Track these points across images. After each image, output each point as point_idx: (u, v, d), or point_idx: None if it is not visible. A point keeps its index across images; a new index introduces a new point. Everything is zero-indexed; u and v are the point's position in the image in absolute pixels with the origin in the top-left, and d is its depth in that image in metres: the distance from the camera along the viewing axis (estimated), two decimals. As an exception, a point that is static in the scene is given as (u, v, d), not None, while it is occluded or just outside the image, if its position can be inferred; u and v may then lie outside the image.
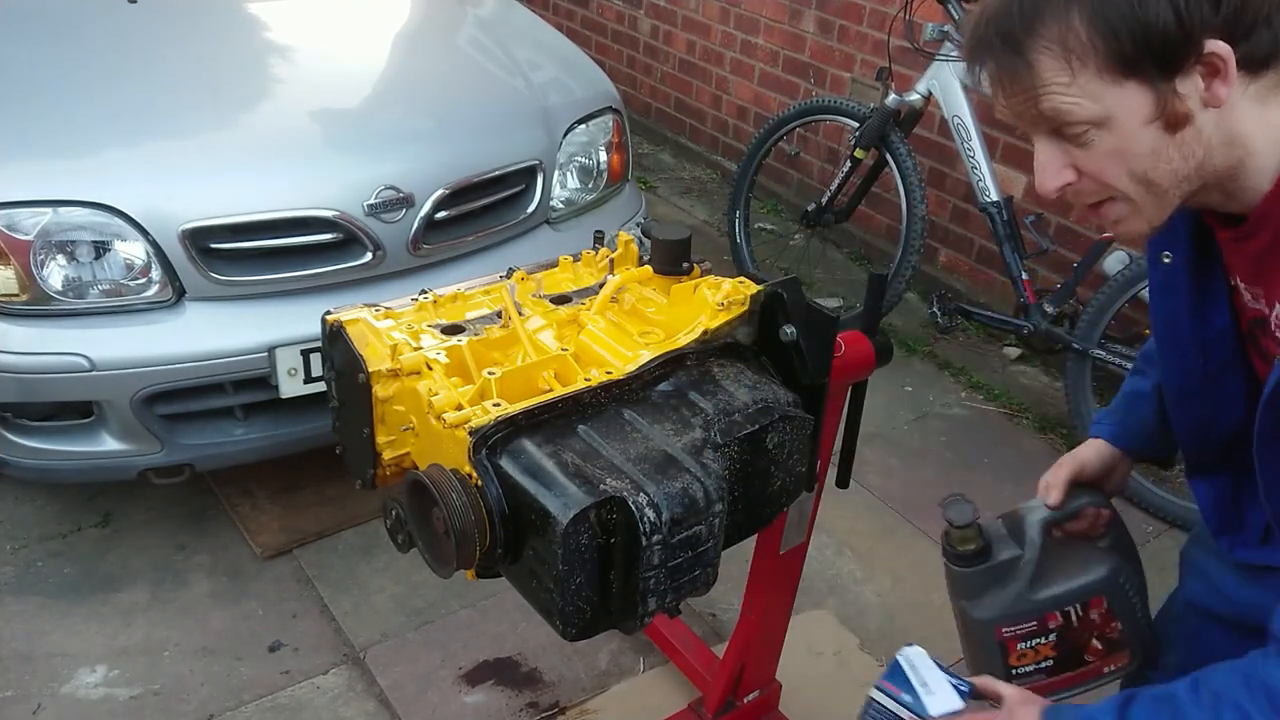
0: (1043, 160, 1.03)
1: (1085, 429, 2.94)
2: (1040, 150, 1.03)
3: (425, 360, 1.32)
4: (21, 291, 2.16)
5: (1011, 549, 1.38)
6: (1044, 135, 1.02)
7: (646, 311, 1.44)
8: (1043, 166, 1.03)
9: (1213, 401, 1.22)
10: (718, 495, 1.17)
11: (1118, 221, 1.05)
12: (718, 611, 2.48)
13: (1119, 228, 1.06)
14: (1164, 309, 1.22)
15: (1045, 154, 1.02)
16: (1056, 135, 1.00)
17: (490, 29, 3.17)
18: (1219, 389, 1.20)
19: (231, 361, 2.25)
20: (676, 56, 5.02)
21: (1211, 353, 1.19)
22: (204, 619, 2.37)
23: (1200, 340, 1.19)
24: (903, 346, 3.59)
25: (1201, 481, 1.30)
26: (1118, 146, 0.98)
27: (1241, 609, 1.31)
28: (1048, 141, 1.02)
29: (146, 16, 2.78)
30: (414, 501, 1.19)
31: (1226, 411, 1.20)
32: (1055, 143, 1.01)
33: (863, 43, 4.03)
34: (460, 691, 2.23)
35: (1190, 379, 1.22)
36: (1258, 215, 1.03)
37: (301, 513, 2.67)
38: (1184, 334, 1.20)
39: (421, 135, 2.57)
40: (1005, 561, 1.37)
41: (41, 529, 2.60)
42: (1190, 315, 1.19)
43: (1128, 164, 0.99)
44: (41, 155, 2.27)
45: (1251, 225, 1.05)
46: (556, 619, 1.14)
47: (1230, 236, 1.09)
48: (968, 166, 3.16)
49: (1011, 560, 1.37)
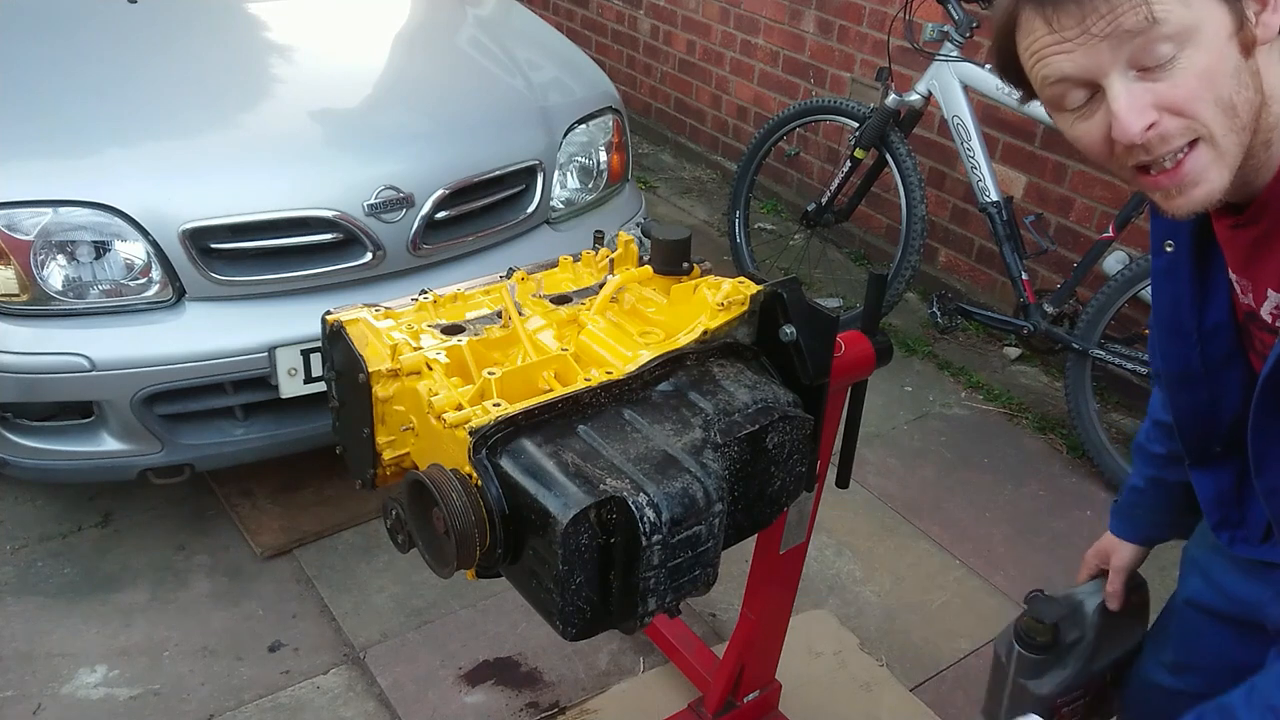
0: (1124, 101, 0.94)
1: (1085, 429, 2.97)
2: (1118, 93, 0.95)
3: (425, 360, 1.32)
4: (22, 291, 2.16)
5: (1073, 632, 1.52)
6: (1119, 74, 0.94)
7: (646, 311, 1.44)
8: (1127, 107, 0.94)
9: (1212, 392, 1.22)
10: (718, 495, 1.17)
11: (1197, 181, 0.97)
12: (718, 611, 2.48)
13: (1198, 189, 0.98)
14: (1165, 296, 1.22)
15: (1125, 94, 0.94)
16: (1135, 69, 0.94)
17: (490, 29, 3.18)
18: (1219, 380, 1.21)
19: (231, 361, 2.25)
20: (676, 56, 5.02)
21: (1210, 343, 1.19)
22: (204, 619, 2.37)
23: (1199, 330, 1.19)
24: (903, 346, 3.60)
25: (1203, 475, 1.30)
26: (1206, 65, 0.93)
27: (1241, 605, 1.31)
28: (1124, 81, 0.94)
29: (147, 16, 2.78)
30: (414, 501, 1.19)
31: (1227, 402, 1.21)
32: (1133, 81, 0.94)
33: (863, 43, 4.03)
34: (460, 691, 2.23)
35: (1190, 367, 1.23)
36: (1261, 200, 1.03)
37: (301, 513, 2.67)
38: (1184, 323, 1.21)
39: (421, 135, 2.57)
40: (1068, 644, 1.52)
41: (41, 529, 2.60)
42: (1190, 305, 1.19)
43: (1215, 87, 0.93)
44: (41, 155, 2.26)
45: (1253, 212, 1.05)
46: (556, 619, 1.14)
47: (1228, 224, 1.09)
48: (967, 166, 3.16)
49: (1074, 642, 1.52)
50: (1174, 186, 0.98)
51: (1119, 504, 1.54)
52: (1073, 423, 3.02)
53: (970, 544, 2.73)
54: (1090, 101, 0.98)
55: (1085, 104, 0.99)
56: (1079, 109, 1.00)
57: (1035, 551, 2.70)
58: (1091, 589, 1.55)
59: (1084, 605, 1.53)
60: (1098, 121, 0.98)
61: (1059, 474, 3.04)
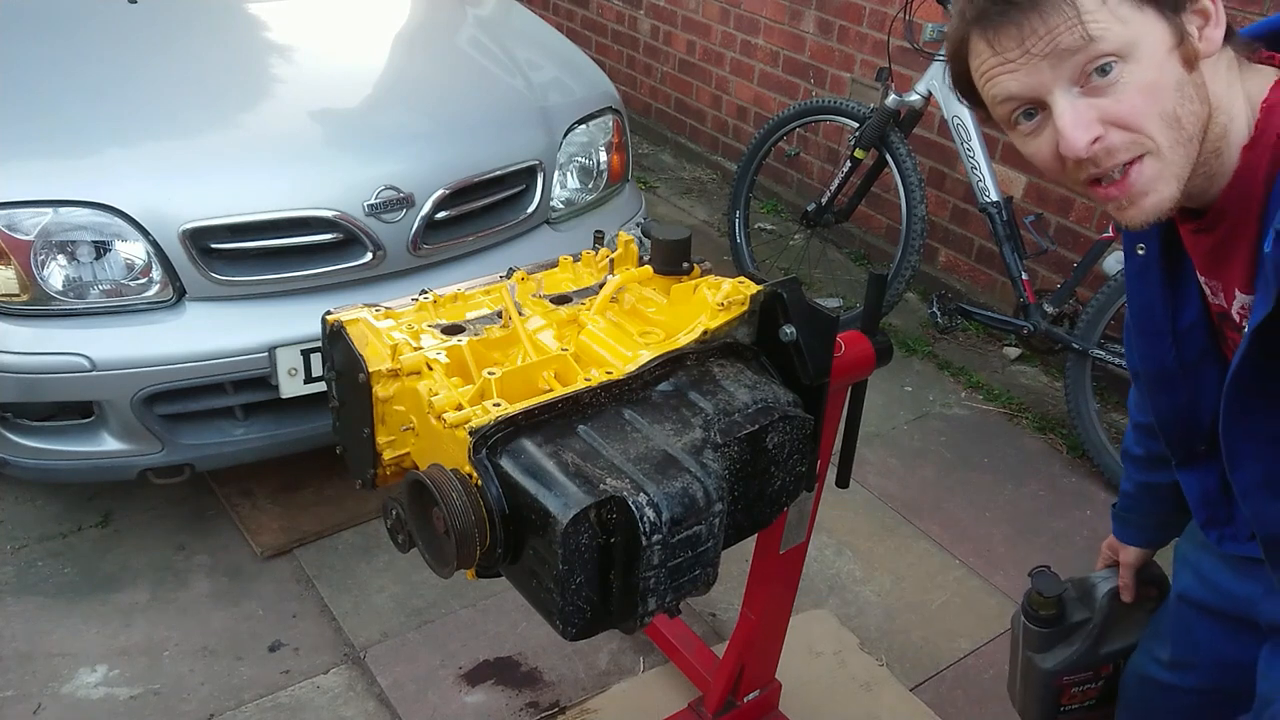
0: (1069, 118, 0.97)
1: (1085, 429, 2.97)
2: (1063, 110, 0.97)
3: (425, 360, 1.32)
4: (22, 291, 2.16)
5: (1081, 612, 1.57)
6: (1062, 91, 0.97)
7: (646, 311, 1.44)
8: (1071, 123, 0.97)
9: (1191, 392, 1.24)
10: (718, 495, 1.17)
11: (1145, 191, 0.99)
12: (718, 611, 2.48)
13: (1147, 199, 0.99)
14: (1139, 298, 1.24)
15: (1070, 111, 0.97)
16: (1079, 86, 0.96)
17: (490, 29, 3.18)
18: (1196, 379, 1.22)
19: (232, 361, 2.25)
20: (676, 57, 5.02)
21: (1185, 343, 1.21)
22: (204, 619, 2.37)
23: (1173, 331, 1.21)
24: (903, 346, 3.60)
25: (1189, 474, 1.31)
26: (1148, 80, 0.95)
27: (1233, 601, 1.32)
28: (1068, 98, 0.97)
29: (147, 16, 2.78)
30: (414, 501, 1.19)
31: (1206, 402, 1.22)
32: (1077, 97, 0.97)
33: (863, 43, 4.03)
34: (460, 691, 2.23)
35: (1166, 368, 1.24)
36: (1217, 208, 1.05)
37: (301, 513, 2.67)
38: (1158, 324, 1.22)
39: (421, 135, 2.57)
40: (1075, 623, 1.57)
41: (41, 529, 2.60)
42: (1163, 306, 1.21)
43: (1158, 101, 0.95)
44: (41, 155, 2.27)
45: (1210, 219, 1.07)
46: (556, 619, 1.14)
47: (1191, 229, 1.11)
48: (967, 167, 3.16)
49: (1081, 622, 1.56)
50: (1124, 198, 1.00)
51: (1116, 509, 1.56)
52: (1073, 422, 3.02)
53: (970, 544, 2.74)
54: (1039, 119, 1.01)
55: (1035, 121, 1.01)
56: (1029, 126, 1.02)
57: (1035, 551, 2.70)
58: (1106, 574, 1.59)
59: (1096, 589, 1.57)
60: (1047, 138, 1.01)
61: (1059, 474, 3.04)
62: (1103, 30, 0.94)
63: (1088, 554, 1.67)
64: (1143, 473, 1.49)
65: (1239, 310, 1.10)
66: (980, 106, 1.06)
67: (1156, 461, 1.43)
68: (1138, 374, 1.33)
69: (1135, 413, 1.48)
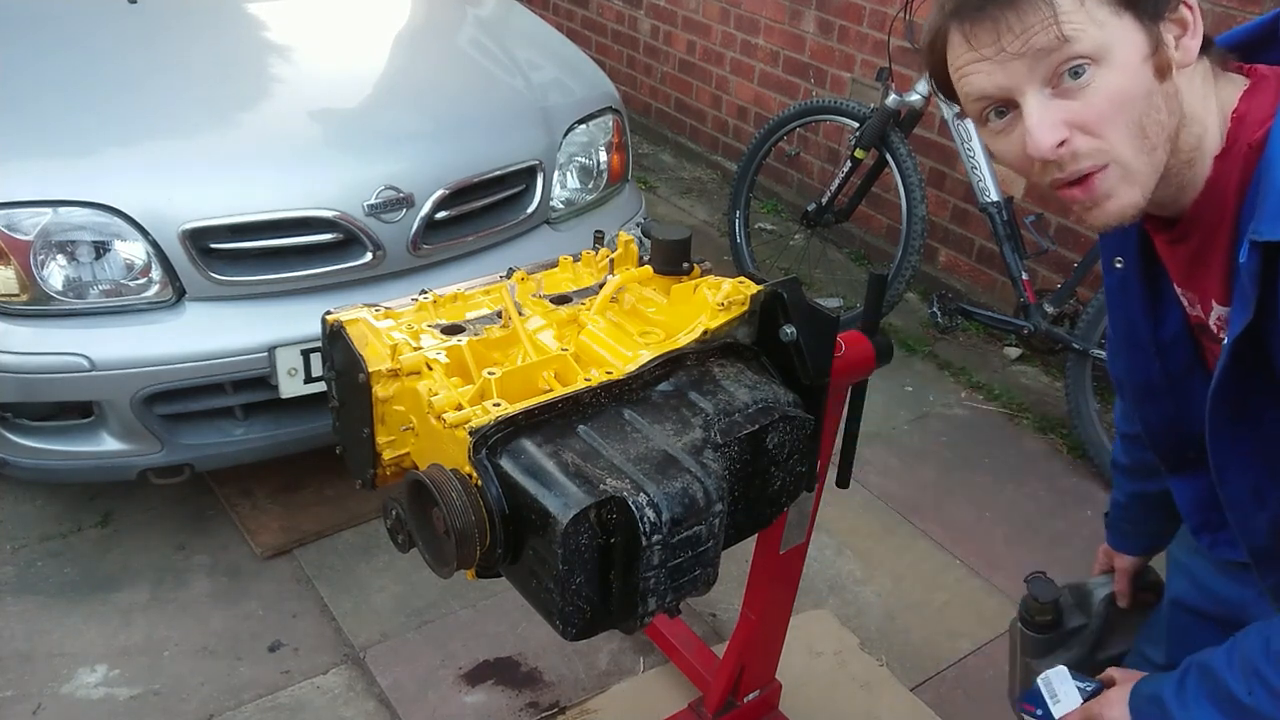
0: (1037, 118, 0.97)
1: (1085, 429, 2.97)
2: (1032, 110, 0.97)
3: (425, 360, 1.32)
4: (22, 291, 2.16)
5: (1078, 618, 1.56)
6: (1035, 90, 0.97)
7: (646, 311, 1.44)
8: (1038, 123, 0.97)
9: (1178, 403, 1.23)
10: (718, 495, 1.17)
11: (1109, 195, 0.99)
12: (718, 611, 2.48)
13: (1110, 203, 1.00)
14: (1120, 312, 1.24)
15: (1039, 111, 0.97)
16: (1050, 87, 0.96)
17: (490, 29, 3.17)
18: (1183, 391, 1.22)
19: (231, 361, 2.25)
20: (676, 56, 5.02)
21: (1169, 356, 1.21)
22: (204, 619, 2.37)
23: (1156, 343, 1.21)
24: (903, 346, 3.59)
25: (1180, 481, 1.31)
26: (1118, 86, 0.95)
27: (1225, 606, 1.32)
28: (1039, 98, 0.97)
29: (147, 17, 2.78)
30: (414, 501, 1.19)
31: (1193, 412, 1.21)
32: (1048, 99, 0.97)
33: (863, 43, 4.03)
34: (460, 691, 2.23)
35: (1151, 379, 1.24)
36: (1190, 216, 1.05)
37: (301, 513, 2.67)
38: (1140, 337, 1.22)
39: (421, 135, 2.57)
40: (1072, 629, 1.56)
41: (41, 529, 2.60)
42: (1144, 319, 1.21)
43: (1126, 109, 0.96)
44: (41, 155, 2.27)
45: (1183, 229, 1.07)
46: (556, 619, 1.14)
47: (1166, 239, 1.11)
48: (967, 167, 3.16)
49: (1078, 628, 1.56)
50: (1088, 200, 1.01)
51: (1108, 518, 1.57)
52: (1073, 423, 3.02)
53: (970, 544, 2.73)
54: (1010, 117, 1.01)
55: (1005, 120, 1.02)
56: (1000, 125, 1.02)
57: (1035, 551, 2.70)
58: (1103, 580, 1.58)
59: (1093, 595, 1.57)
60: (1016, 137, 1.01)
61: (1059, 474, 3.04)
62: (1078, 31, 0.94)
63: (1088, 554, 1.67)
64: (1133, 482, 1.49)
65: (1216, 321, 1.10)
66: (956, 101, 1.06)
67: (1146, 471, 1.44)
68: (1123, 385, 1.33)
69: (1122, 424, 1.48)
